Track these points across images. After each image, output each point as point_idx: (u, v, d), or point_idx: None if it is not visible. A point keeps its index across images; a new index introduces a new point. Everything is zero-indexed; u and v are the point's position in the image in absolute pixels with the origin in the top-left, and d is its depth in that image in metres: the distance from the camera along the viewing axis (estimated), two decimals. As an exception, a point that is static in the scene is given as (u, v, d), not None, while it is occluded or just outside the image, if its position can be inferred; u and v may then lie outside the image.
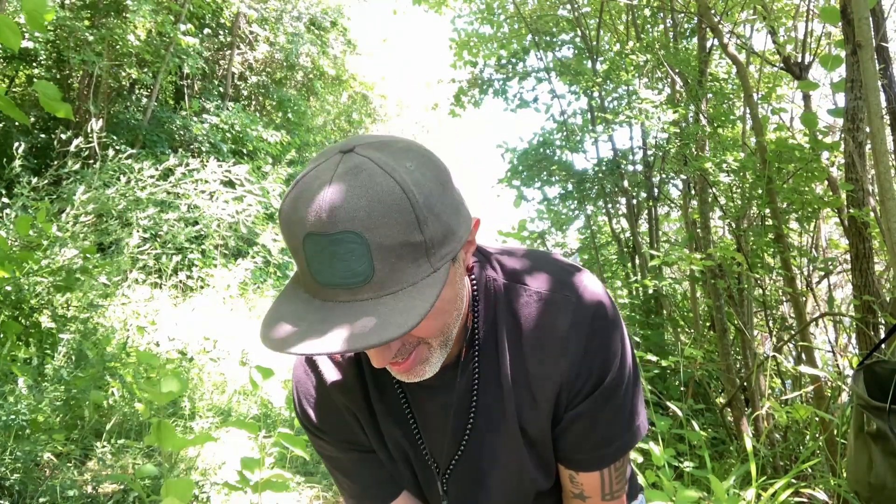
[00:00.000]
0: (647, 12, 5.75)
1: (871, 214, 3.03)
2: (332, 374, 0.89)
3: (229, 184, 6.95)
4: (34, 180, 4.75)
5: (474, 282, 0.83)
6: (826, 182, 3.85)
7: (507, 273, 0.84)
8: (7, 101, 1.65)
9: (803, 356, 3.58)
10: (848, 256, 3.68)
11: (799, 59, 3.92)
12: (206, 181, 6.47)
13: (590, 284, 0.82)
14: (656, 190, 5.57)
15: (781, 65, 4.07)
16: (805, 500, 2.67)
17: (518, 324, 0.82)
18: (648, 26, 5.97)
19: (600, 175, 5.65)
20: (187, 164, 6.28)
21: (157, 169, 5.92)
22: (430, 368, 0.76)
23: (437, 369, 0.77)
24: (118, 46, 8.16)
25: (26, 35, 6.79)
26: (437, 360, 0.76)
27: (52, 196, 5.23)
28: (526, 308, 0.82)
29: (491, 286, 0.84)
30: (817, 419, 3.06)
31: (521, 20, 6.58)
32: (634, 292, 5.36)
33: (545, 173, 5.80)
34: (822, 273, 4.42)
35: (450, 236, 0.67)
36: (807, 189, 3.60)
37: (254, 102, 12.61)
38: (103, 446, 3.14)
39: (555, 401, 0.83)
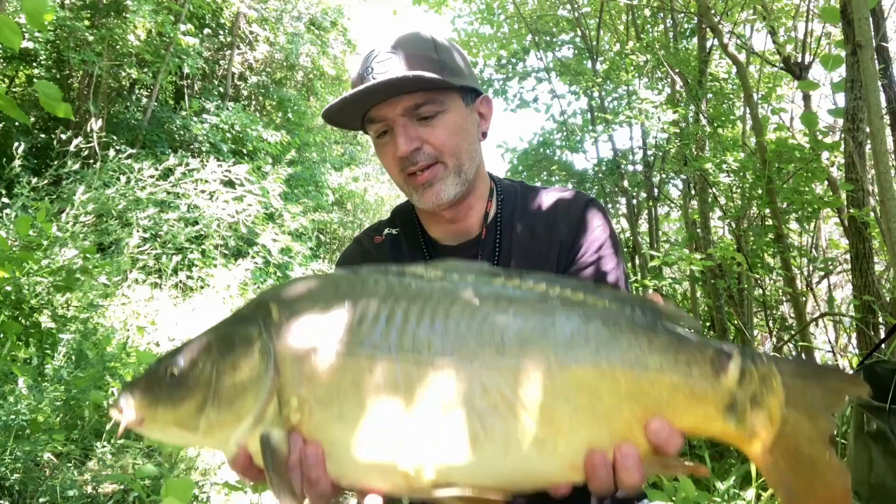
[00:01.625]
0: (647, 12, 5.75)
1: (871, 214, 3.03)
2: (374, 247, 1.15)
3: (229, 184, 6.95)
4: (34, 180, 4.75)
5: (498, 186, 1.13)
6: (826, 182, 3.85)
7: (524, 184, 1.17)
8: (8, 101, 1.65)
9: (803, 356, 3.58)
10: (848, 256, 3.68)
11: (799, 59, 3.92)
12: (206, 181, 6.47)
13: (589, 195, 1.14)
14: (656, 190, 5.57)
15: (781, 65, 4.07)
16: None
17: (530, 213, 1.10)
18: (648, 26, 5.97)
19: (600, 175, 5.65)
20: (187, 164, 6.27)
21: (157, 169, 5.91)
22: (444, 191, 1.00)
23: (451, 195, 1.00)
24: (118, 46, 8.15)
25: (26, 35, 6.79)
26: (452, 185, 1.00)
27: (52, 196, 5.22)
28: (537, 201, 1.11)
29: (510, 188, 1.14)
30: (817, 419, 3.05)
31: (521, 20, 6.57)
32: (634, 292, 5.36)
33: (545, 173, 5.80)
34: (822, 273, 4.42)
35: (460, 73, 1.01)
36: (807, 189, 3.60)
37: (254, 102, 12.60)
38: (103, 446, 3.13)
39: (555, 266, 1.06)
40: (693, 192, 5.14)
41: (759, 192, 3.55)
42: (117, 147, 6.29)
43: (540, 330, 0.64)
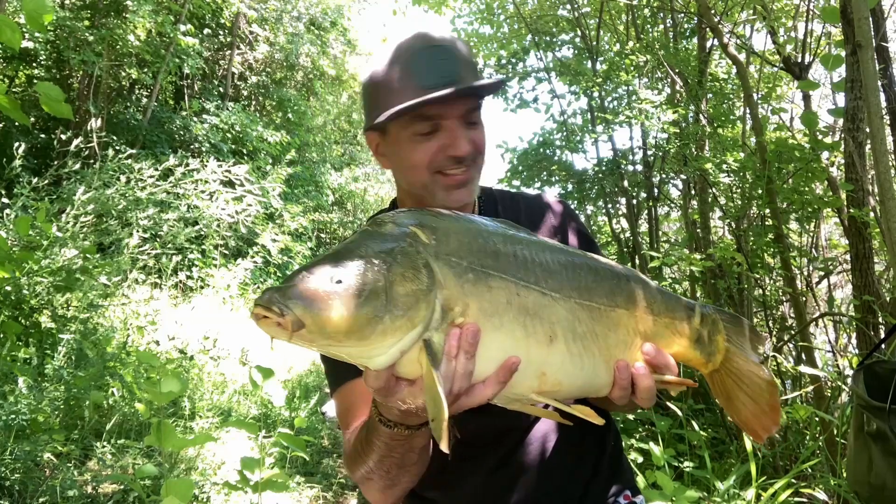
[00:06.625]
0: (647, 12, 5.75)
1: (871, 214, 3.04)
2: None
3: (229, 184, 6.96)
4: (34, 180, 4.75)
5: (481, 195, 1.15)
6: (826, 182, 3.85)
7: (500, 189, 1.24)
8: (11, 102, 1.66)
9: (803, 356, 3.58)
10: (848, 256, 3.68)
11: (799, 59, 3.92)
12: (206, 181, 6.47)
13: None
14: (656, 190, 5.57)
15: (781, 65, 4.08)
16: (805, 500, 2.67)
17: (518, 206, 1.17)
18: (648, 26, 5.97)
19: (600, 175, 5.65)
20: (187, 165, 6.28)
21: (157, 169, 5.92)
22: (472, 192, 1.03)
23: (472, 199, 1.04)
24: (118, 46, 8.15)
25: (26, 35, 6.79)
26: (476, 187, 1.03)
27: (52, 196, 5.22)
28: (515, 199, 1.19)
29: (495, 192, 1.19)
30: (817, 419, 3.06)
31: (521, 20, 6.57)
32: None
33: (545, 173, 5.79)
34: (822, 273, 4.42)
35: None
36: (807, 189, 3.60)
37: (254, 102, 12.60)
38: (103, 446, 3.13)
39: None
40: (693, 192, 5.14)
41: (759, 192, 3.55)
42: (117, 147, 6.28)
43: (594, 280, 0.86)
